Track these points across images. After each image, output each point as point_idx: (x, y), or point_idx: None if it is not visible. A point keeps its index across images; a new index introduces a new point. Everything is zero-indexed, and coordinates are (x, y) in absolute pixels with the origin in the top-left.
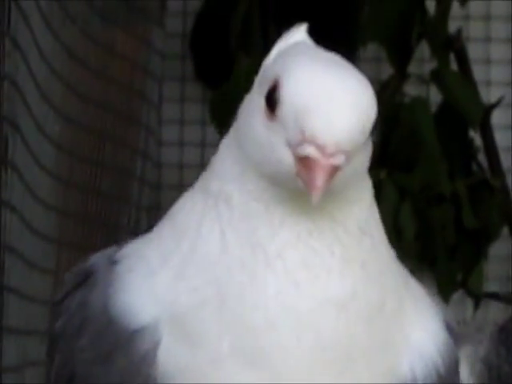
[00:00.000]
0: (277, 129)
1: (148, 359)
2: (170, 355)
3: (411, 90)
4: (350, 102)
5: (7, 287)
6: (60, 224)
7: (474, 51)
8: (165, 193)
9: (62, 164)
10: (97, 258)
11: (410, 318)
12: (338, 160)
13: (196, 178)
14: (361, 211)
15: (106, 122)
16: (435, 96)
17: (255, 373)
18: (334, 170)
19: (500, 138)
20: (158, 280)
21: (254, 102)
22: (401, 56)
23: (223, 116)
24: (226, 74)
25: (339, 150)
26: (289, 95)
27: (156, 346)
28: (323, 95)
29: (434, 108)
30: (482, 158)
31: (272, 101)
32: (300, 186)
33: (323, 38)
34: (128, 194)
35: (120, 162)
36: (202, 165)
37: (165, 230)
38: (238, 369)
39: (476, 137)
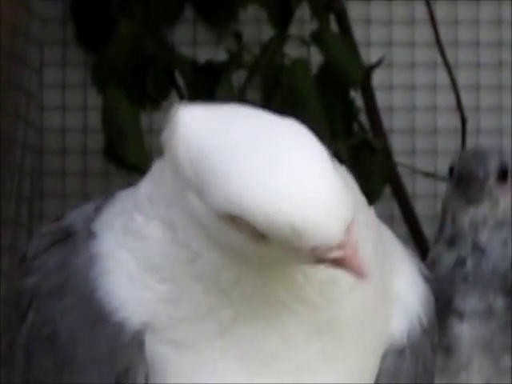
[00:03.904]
0: (273, 245)
1: (137, 340)
2: (154, 352)
3: (292, 51)
4: (324, 194)
5: None
6: None
7: (354, 12)
8: (47, 158)
9: None
10: (75, 217)
11: (394, 268)
12: (353, 237)
13: (78, 142)
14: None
15: None
16: (316, 57)
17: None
18: (356, 243)
19: (381, 99)
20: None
21: (203, 215)
22: (281, 17)
23: (105, 79)
24: (107, 37)
25: (347, 232)
26: (272, 233)
27: (143, 333)
28: (300, 211)
29: (314, 69)
30: (363, 118)
31: (250, 229)
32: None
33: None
34: (10, 160)
35: (1, 127)
36: (84, 129)
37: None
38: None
39: (357, 97)
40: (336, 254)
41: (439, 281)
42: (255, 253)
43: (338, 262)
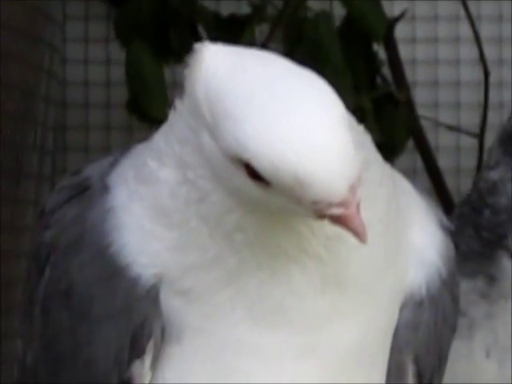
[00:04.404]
0: (276, 193)
1: (152, 294)
2: (169, 306)
3: (314, 4)
4: (332, 148)
5: None
6: None
7: None
8: (70, 111)
9: None
10: (92, 171)
11: (410, 222)
12: (356, 196)
13: (101, 95)
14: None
15: (10, 41)
16: (339, 10)
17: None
18: (359, 203)
19: (404, 52)
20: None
21: (210, 148)
22: None
23: (128, 33)
24: None
25: (351, 191)
26: (275, 180)
27: (158, 287)
28: (305, 163)
29: (337, 22)
30: (386, 71)
31: (256, 174)
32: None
33: None
34: (33, 113)
35: (25, 81)
36: (107, 82)
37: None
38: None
39: (380, 50)
40: (337, 210)
41: (496, 210)
42: (259, 198)
43: (338, 220)
